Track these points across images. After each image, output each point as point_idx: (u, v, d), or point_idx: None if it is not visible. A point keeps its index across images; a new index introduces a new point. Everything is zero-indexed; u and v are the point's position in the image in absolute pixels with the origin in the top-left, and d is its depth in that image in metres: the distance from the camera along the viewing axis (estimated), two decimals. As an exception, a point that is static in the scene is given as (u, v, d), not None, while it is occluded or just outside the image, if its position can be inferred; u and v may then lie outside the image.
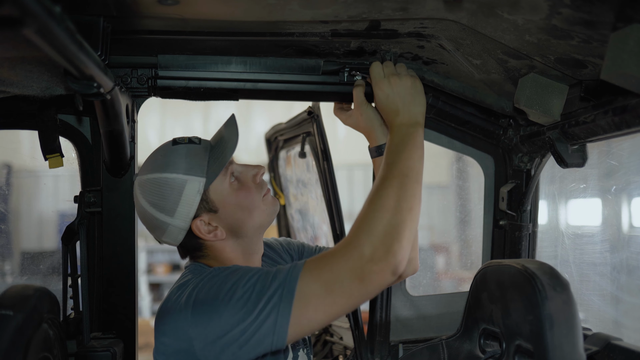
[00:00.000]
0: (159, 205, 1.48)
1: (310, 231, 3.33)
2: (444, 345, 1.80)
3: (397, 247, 1.29)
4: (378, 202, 1.36)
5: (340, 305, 1.30)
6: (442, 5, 1.35)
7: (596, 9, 1.13)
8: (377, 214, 1.33)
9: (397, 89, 1.59)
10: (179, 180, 1.47)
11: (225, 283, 1.35)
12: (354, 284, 1.28)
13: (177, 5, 1.32)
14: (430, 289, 2.60)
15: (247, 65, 1.80)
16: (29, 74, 1.50)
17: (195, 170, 1.49)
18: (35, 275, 2.43)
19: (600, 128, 1.45)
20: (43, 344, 1.39)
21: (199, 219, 1.50)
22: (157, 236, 1.57)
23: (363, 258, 1.28)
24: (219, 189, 1.52)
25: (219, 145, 1.55)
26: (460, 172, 2.68)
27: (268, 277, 1.33)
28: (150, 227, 1.54)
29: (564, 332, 1.35)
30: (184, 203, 1.48)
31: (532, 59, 1.49)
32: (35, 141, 1.84)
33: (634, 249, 2.37)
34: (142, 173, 1.53)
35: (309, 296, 1.30)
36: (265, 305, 1.30)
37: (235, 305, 1.31)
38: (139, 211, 1.54)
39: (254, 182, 1.58)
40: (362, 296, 1.30)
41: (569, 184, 2.24)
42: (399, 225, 1.32)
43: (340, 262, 1.29)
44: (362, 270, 1.27)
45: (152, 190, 1.48)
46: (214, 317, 1.31)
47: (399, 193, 1.37)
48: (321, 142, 2.30)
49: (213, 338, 1.31)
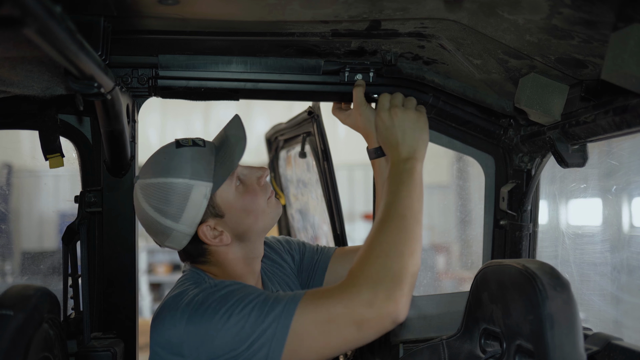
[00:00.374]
0: (164, 211, 1.44)
1: (310, 231, 3.33)
2: (444, 345, 1.80)
3: (398, 294, 1.24)
4: (377, 247, 1.31)
5: (334, 348, 1.28)
6: (443, 5, 1.35)
7: (597, 8, 1.13)
8: (376, 259, 1.28)
9: (398, 122, 1.57)
10: (185, 185, 1.43)
11: (220, 306, 1.31)
12: (350, 329, 1.24)
13: (178, 5, 1.32)
14: (430, 288, 2.60)
15: (247, 65, 1.80)
16: (30, 74, 1.50)
17: (201, 175, 1.45)
18: (36, 275, 2.43)
19: (601, 128, 1.45)
20: (43, 344, 1.39)
21: (205, 225, 1.47)
22: (159, 241, 1.53)
23: (361, 304, 1.22)
24: (225, 194, 1.49)
25: (225, 148, 1.52)
26: (461, 172, 2.68)
27: (264, 309, 1.29)
28: (153, 231, 1.51)
29: (564, 332, 1.35)
30: (190, 208, 1.44)
31: (533, 58, 1.49)
32: (35, 141, 1.85)
33: (634, 248, 2.37)
34: (144, 176, 1.49)
35: (303, 335, 1.27)
36: (259, 337, 1.27)
37: (227, 332, 1.28)
38: (141, 215, 1.50)
39: (258, 185, 1.56)
40: (357, 341, 1.26)
41: (569, 184, 2.24)
42: (401, 271, 1.27)
43: (337, 306, 1.24)
44: (360, 316, 1.23)
45: (157, 195, 1.44)
46: (206, 341, 1.29)
47: (399, 236, 1.32)
48: (321, 142, 2.30)
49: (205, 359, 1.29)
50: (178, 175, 1.44)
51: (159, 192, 1.44)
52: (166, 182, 1.44)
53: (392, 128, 1.57)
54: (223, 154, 1.50)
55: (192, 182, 1.44)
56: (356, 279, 1.27)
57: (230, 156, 1.49)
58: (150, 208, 1.46)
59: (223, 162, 1.49)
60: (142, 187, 1.48)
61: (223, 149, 1.52)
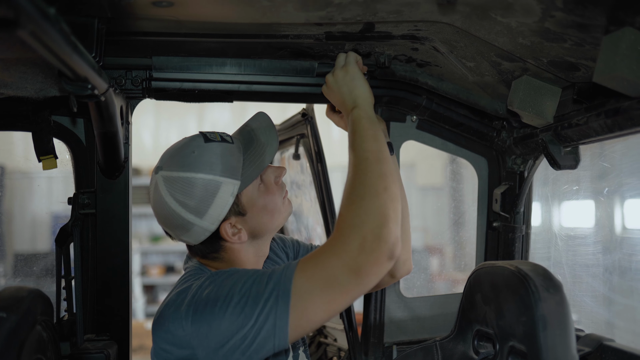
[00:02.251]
0: (189, 205, 1.42)
1: (304, 233, 3.33)
2: (437, 346, 1.81)
3: (385, 232, 1.26)
4: (352, 194, 1.33)
5: (339, 302, 1.28)
6: (436, 8, 1.35)
7: (589, 12, 1.14)
8: (353, 205, 1.30)
9: (334, 85, 1.63)
10: (214, 181, 1.41)
11: (221, 290, 1.32)
12: (350, 279, 1.25)
13: (172, 7, 1.32)
14: (424, 290, 2.60)
15: (241, 67, 1.80)
16: (23, 76, 1.49)
17: (231, 173, 1.44)
18: (29, 277, 2.42)
19: (593, 130, 1.46)
20: (36, 346, 1.39)
21: (228, 222, 1.46)
22: (176, 235, 1.50)
23: (353, 251, 1.24)
24: (249, 193, 1.48)
25: (255, 147, 1.51)
26: (454, 173, 2.69)
27: (263, 280, 1.30)
28: (172, 225, 1.47)
29: (557, 333, 1.36)
30: (216, 205, 1.42)
31: (526, 61, 1.50)
32: (29, 142, 1.84)
33: (626, 250, 2.38)
34: (170, 168, 1.44)
35: (306, 296, 1.27)
36: (263, 308, 1.27)
37: (233, 312, 1.28)
38: (161, 207, 1.46)
39: (276, 184, 1.56)
40: (360, 289, 1.27)
41: (562, 186, 2.25)
42: (380, 209, 1.28)
43: (331, 259, 1.26)
44: (356, 263, 1.24)
45: (183, 189, 1.41)
46: (213, 326, 1.29)
47: (368, 178, 1.34)
48: (315, 144, 2.30)
49: (215, 347, 1.29)
50: (208, 171, 1.42)
51: (186, 186, 1.41)
52: (195, 177, 1.41)
53: (331, 92, 1.66)
54: (252, 153, 1.49)
55: (221, 179, 1.42)
56: (341, 229, 1.29)
57: (260, 156, 1.49)
58: (174, 201, 1.42)
59: (252, 161, 1.48)
60: (166, 179, 1.44)
61: (252, 147, 1.51)
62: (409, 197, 1.82)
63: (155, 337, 1.38)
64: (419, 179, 6.63)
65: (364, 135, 1.45)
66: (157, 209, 1.48)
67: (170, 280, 7.78)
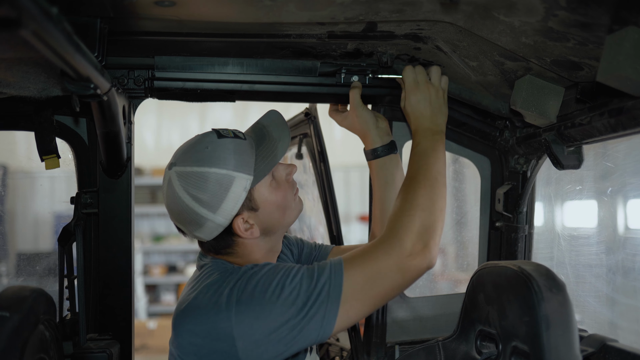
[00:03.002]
0: (202, 200, 1.43)
1: (307, 232, 3.33)
2: (440, 346, 1.80)
3: (432, 244, 1.42)
4: (414, 202, 1.47)
5: (382, 297, 1.41)
6: (439, 7, 1.35)
7: (592, 11, 1.13)
8: (414, 212, 1.44)
9: (428, 95, 1.67)
10: (227, 176, 1.44)
11: (269, 281, 1.36)
12: (396, 277, 1.39)
13: (174, 6, 1.32)
14: (426, 290, 2.60)
15: (243, 67, 1.80)
16: (26, 75, 1.49)
17: (244, 168, 1.46)
18: (32, 276, 2.42)
19: (596, 130, 1.45)
20: (39, 345, 1.39)
21: (240, 217, 1.48)
22: (189, 230, 1.51)
23: (404, 253, 1.39)
24: (262, 188, 1.51)
25: (267, 143, 1.53)
26: (457, 173, 2.68)
27: (313, 274, 1.37)
28: (185, 220, 1.48)
29: (560, 334, 1.36)
30: (229, 200, 1.45)
31: (529, 61, 1.50)
32: (31, 142, 1.84)
33: (629, 250, 2.37)
34: (183, 164, 1.46)
35: (355, 290, 1.37)
36: (315, 301, 1.34)
37: (284, 303, 1.33)
38: (174, 202, 1.47)
39: (287, 181, 1.58)
40: (402, 287, 1.42)
41: (565, 186, 2.25)
42: (434, 224, 1.44)
43: (383, 258, 1.39)
44: (404, 264, 1.39)
45: (197, 184, 1.43)
46: (261, 316, 1.33)
47: (432, 194, 1.49)
48: (318, 143, 2.30)
49: (259, 337, 1.33)
50: (222, 166, 1.44)
51: (200, 181, 1.43)
52: (209, 171, 1.44)
53: (424, 102, 1.68)
54: (265, 149, 1.52)
55: (234, 174, 1.45)
56: (397, 231, 1.42)
57: (272, 152, 1.52)
58: (188, 196, 1.44)
59: (265, 156, 1.51)
60: (180, 174, 1.46)
61: (265, 144, 1.54)
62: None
63: (183, 331, 1.40)
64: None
65: (440, 157, 1.58)
66: (170, 205, 1.50)
67: (172, 279, 7.79)
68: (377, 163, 1.82)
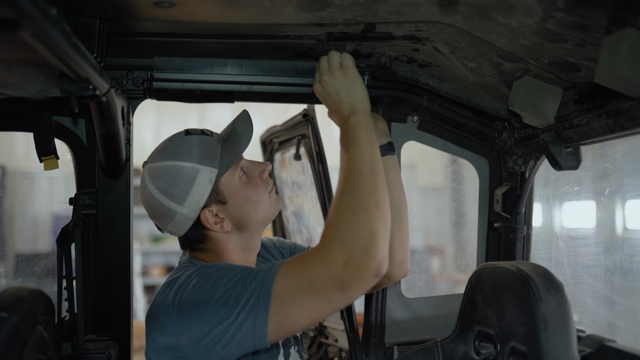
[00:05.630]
0: (170, 193, 1.49)
1: (305, 233, 3.33)
2: (438, 347, 1.81)
3: (373, 249, 1.25)
4: (342, 206, 1.31)
5: (322, 311, 1.29)
6: (437, 9, 1.35)
7: (590, 12, 1.14)
8: (343, 219, 1.29)
9: (328, 87, 1.56)
10: (192, 168, 1.49)
11: (207, 282, 1.37)
12: (334, 291, 1.25)
13: (173, 7, 1.32)
14: (425, 291, 2.60)
15: (242, 68, 1.80)
16: (25, 76, 1.49)
17: (208, 161, 1.51)
18: (30, 277, 2.42)
19: (594, 131, 1.46)
20: (38, 346, 1.39)
21: (208, 209, 1.52)
22: (162, 225, 1.58)
23: (339, 266, 1.24)
24: (229, 181, 1.54)
25: (231, 139, 1.58)
26: (455, 174, 2.69)
27: (248, 278, 1.33)
28: (157, 214, 1.55)
29: (558, 334, 1.36)
30: (195, 192, 1.49)
31: (527, 62, 1.50)
32: (30, 143, 1.84)
33: (627, 251, 2.38)
34: (153, 160, 1.54)
35: (287, 299, 1.28)
36: (244, 306, 1.30)
37: (215, 305, 1.32)
38: (146, 198, 1.55)
39: (260, 178, 1.61)
40: (344, 301, 1.28)
41: (563, 187, 2.25)
42: (369, 225, 1.27)
43: (317, 270, 1.26)
44: (342, 277, 1.24)
45: (164, 178, 1.50)
46: (196, 316, 1.34)
47: (360, 191, 1.32)
48: (316, 144, 2.30)
49: (197, 337, 1.33)
50: (186, 159, 1.50)
51: (166, 174, 1.50)
52: (175, 164, 1.49)
53: (326, 94, 1.58)
54: (229, 143, 1.56)
55: (198, 166, 1.49)
56: (329, 241, 1.28)
57: (236, 145, 1.55)
58: (157, 190, 1.51)
59: (229, 150, 1.55)
60: (150, 170, 1.53)
61: (230, 139, 1.58)
62: (409, 198, 1.82)
63: (147, 329, 1.45)
64: (420, 180, 6.63)
65: (359, 145, 1.41)
66: (144, 201, 1.57)
67: (171, 280, 7.77)
68: None
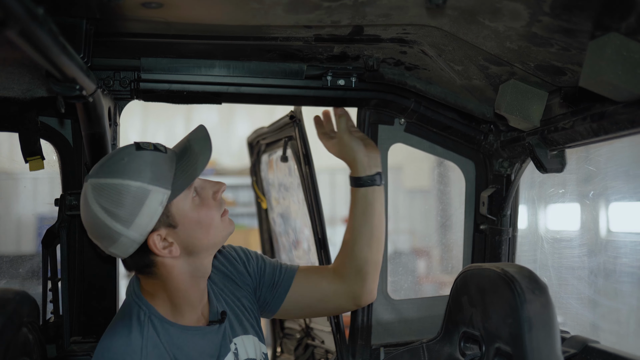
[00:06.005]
0: (115, 214, 1.35)
1: (292, 235, 3.33)
2: (424, 348, 1.81)
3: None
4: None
5: None
6: (425, 12, 1.36)
7: (575, 17, 1.15)
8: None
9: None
10: (141, 189, 1.36)
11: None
12: None
13: (161, 8, 1.32)
14: (411, 292, 2.61)
15: (230, 69, 1.80)
16: (10, 76, 1.48)
17: (160, 181, 1.38)
18: (14, 279, 2.40)
19: (579, 134, 1.47)
20: (22, 348, 1.38)
21: (156, 233, 1.40)
22: (104, 246, 1.43)
23: None
24: (181, 204, 1.43)
25: (187, 158, 1.45)
26: (442, 176, 2.70)
27: None
28: (99, 235, 1.40)
29: (542, 335, 1.37)
30: (143, 214, 1.36)
31: (513, 65, 1.51)
32: (15, 143, 1.82)
33: (611, 253, 2.40)
34: (98, 175, 1.38)
35: None
36: None
37: None
38: (88, 216, 1.39)
39: (214, 199, 1.50)
40: None
41: (548, 189, 2.27)
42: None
43: None
44: None
45: (110, 197, 1.35)
46: None
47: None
48: (303, 146, 2.30)
49: None
50: (136, 178, 1.36)
51: (112, 193, 1.35)
52: (122, 183, 1.35)
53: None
54: (185, 163, 1.44)
55: (149, 187, 1.37)
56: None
57: (192, 166, 1.44)
58: (100, 209, 1.36)
59: (184, 170, 1.43)
60: (94, 186, 1.37)
61: (185, 157, 1.46)
62: (396, 200, 1.84)
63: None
64: (407, 182, 6.65)
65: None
66: (84, 218, 1.42)
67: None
68: (358, 191, 1.82)
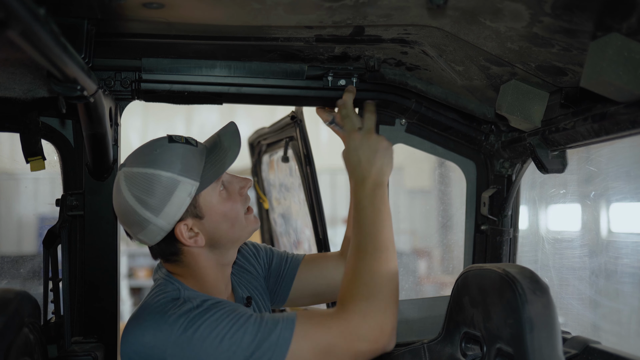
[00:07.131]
0: (145, 202, 1.41)
1: (293, 235, 3.33)
2: (425, 349, 1.81)
3: (390, 328, 1.40)
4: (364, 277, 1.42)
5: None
6: (426, 12, 1.36)
7: (576, 17, 1.15)
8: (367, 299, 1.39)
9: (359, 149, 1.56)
10: (172, 179, 1.42)
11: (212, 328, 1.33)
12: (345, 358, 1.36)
13: (162, 8, 1.32)
14: (412, 293, 2.61)
15: (231, 70, 1.80)
16: (12, 76, 1.48)
17: (190, 173, 1.44)
18: (15, 279, 2.40)
19: (580, 134, 1.47)
20: (24, 348, 1.38)
21: (183, 223, 1.45)
22: (133, 233, 1.49)
23: (358, 338, 1.35)
24: (208, 196, 1.48)
25: (216, 152, 1.51)
26: (443, 177, 2.70)
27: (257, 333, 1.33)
28: (129, 222, 1.47)
29: (543, 336, 1.37)
30: (172, 204, 1.42)
31: (514, 66, 1.51)
32: (16, 143, 1.83)
33: (612, 253, 2.40)
34: (131, 165, 1.46)
35: None
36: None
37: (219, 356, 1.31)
38: (119, 203, 1.46)
39: (240, 195, 1.55)
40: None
41: (549, 190, 2.27)
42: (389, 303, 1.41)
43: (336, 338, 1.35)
44: (357, 349, 1.36)
45: (141, 185, 1.42)
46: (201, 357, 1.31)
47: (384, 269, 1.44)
48: (304, 146, 2.31)
49: None
50: (167, 168, 1.42)
51: (144, 182, 1.42)
52: (154, 173, 1.42)
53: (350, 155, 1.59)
54: (214, 157, 1.50)
55: (179, 178, 1.42)
56: (350, 313, 1.38)
57: (221, 160, 1.49)
58: (132, 197, 1.42)
59: (213, 164, 1.48)
60: (127, 175, 1.45)
61: (215, 151, 1.51)
62: (397, 200, 1.83)
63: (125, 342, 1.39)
64: (408, 182, 6.66)
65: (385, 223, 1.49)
66: (116, 206, 1.49)
67: (157, 282, 7.73)
68: None
